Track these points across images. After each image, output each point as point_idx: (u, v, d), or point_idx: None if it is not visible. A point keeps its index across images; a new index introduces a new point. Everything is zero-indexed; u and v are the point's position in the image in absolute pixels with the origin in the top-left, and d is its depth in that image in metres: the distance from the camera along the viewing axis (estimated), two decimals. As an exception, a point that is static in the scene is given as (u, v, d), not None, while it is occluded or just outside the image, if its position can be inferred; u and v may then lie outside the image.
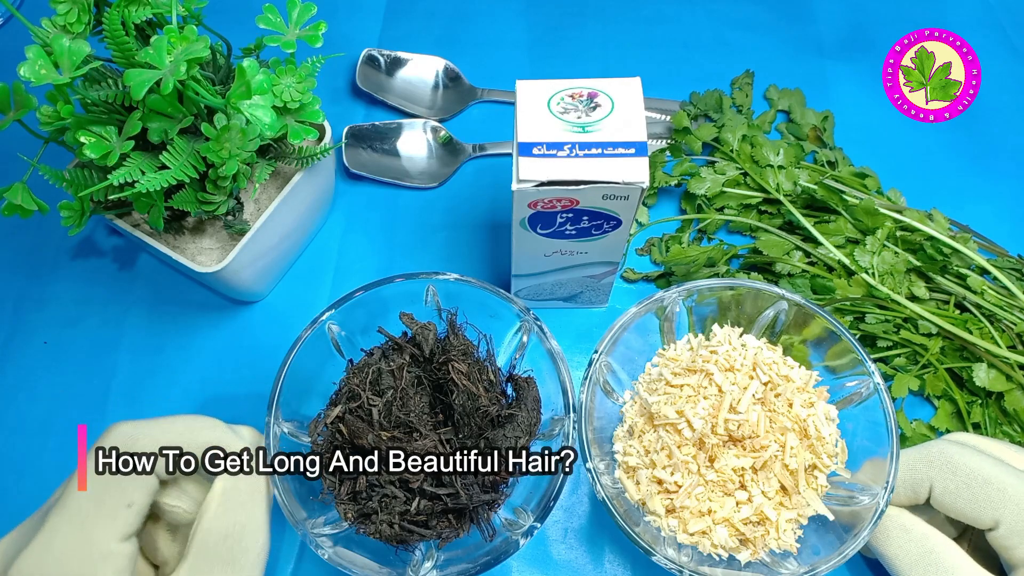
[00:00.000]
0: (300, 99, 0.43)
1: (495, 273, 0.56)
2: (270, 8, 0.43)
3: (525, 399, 0.42)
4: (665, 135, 0.61)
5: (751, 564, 0.41)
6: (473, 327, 0.45)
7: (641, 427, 0.44)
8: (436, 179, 0.59)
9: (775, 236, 0.54)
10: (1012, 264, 0.53)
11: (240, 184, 0.44)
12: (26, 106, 0.38)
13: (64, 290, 0.55)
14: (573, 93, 0.41)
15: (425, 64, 0.63)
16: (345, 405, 0.42)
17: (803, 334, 0.46)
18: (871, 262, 0.51)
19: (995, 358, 0.48)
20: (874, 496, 0.40)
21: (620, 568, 0.46)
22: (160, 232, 0.46)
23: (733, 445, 0.41)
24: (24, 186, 0.41)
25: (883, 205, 0.52)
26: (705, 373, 0.43)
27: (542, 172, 0.38)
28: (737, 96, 0.62)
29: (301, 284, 0.55)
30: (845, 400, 0.44)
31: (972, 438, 0.43)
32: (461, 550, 0.41)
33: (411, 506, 0.40)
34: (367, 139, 0.59)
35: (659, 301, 0.45)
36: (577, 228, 0.43)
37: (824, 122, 0.60)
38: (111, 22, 0.37)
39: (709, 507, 0.41)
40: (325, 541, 0.40)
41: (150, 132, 0.40)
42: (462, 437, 0.42)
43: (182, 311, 0.54)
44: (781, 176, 0.55)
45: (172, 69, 0.36)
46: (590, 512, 0.48)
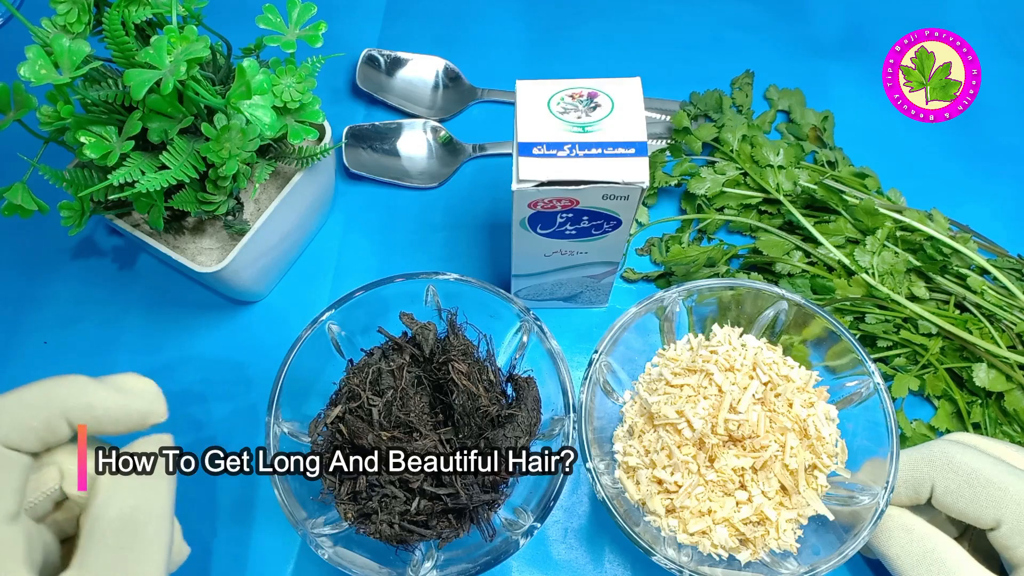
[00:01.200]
0: (300, 99, 0.43)
1: (495, 273, 0.56)
2: (270, 8, 0.43)
3: (525, 399, 0.42)
4: (665, 135, 0.61)
5: (751, 564, 0.41)
6: (473, 327, 0.45)
7: (641, 427, 0.44)
8: (436, 179, 0.59)
9: (775, 236, 0.54)
10: (1012, 264, 0.53)
11: (240, 184, 0.44)
12: (26, 106, 0.38)
13: (64, 290, 0.55)
14: (573, 93, 0.41)
15: (425, 64, 0.63)
16: (345, 405, 0.42)
17: (803, 334, 0.46)
18: (871, 262, 0.51)
19: (995, 358, 0.48)
20: (874, 496, 0.40)
21: (620, 568, 0.46)
22: (160, 232, 0.46)
23: (733, 445, 0.41)
24: (24, 186, 0.41)
25: (883, 205, 0.52)
26: (705, 373, 0.43)
27: (542, 172, 0.38)
28: (737, 96, 0.62)
29: (301, 284, 0.55)
30: (845, 400, 0.44)
31: (973, 438, 0.43)
32: (461, 550, 0.41)
33: (411, 506, 0.40)
34: (367, 139, 0.59)
35: (659, 301, 0.45)
36: (577, 228, 0.43)
37: (824, 122, 0.60)
38: (111, 22, 0.37)
39: (709, 507, 0.41)
40: (325, 541, 0.40)
41: (150, 132, 0.40)
42: (462, 437, 0.42)
43: (182, 311, 0.54)
44: (781, 176, 0.55)
45: (172, 69, 0.36)
46: (590, 512, 0.48)
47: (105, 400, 0.34)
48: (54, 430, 0.33)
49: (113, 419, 0.34)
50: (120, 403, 0.35)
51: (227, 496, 0.48)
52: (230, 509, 0.47)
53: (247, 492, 0.48)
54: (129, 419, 0.35)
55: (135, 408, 0.35)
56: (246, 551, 0.46)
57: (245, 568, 0.46)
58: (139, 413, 0.35)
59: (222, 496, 0.48)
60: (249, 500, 0.48)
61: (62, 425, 0.33)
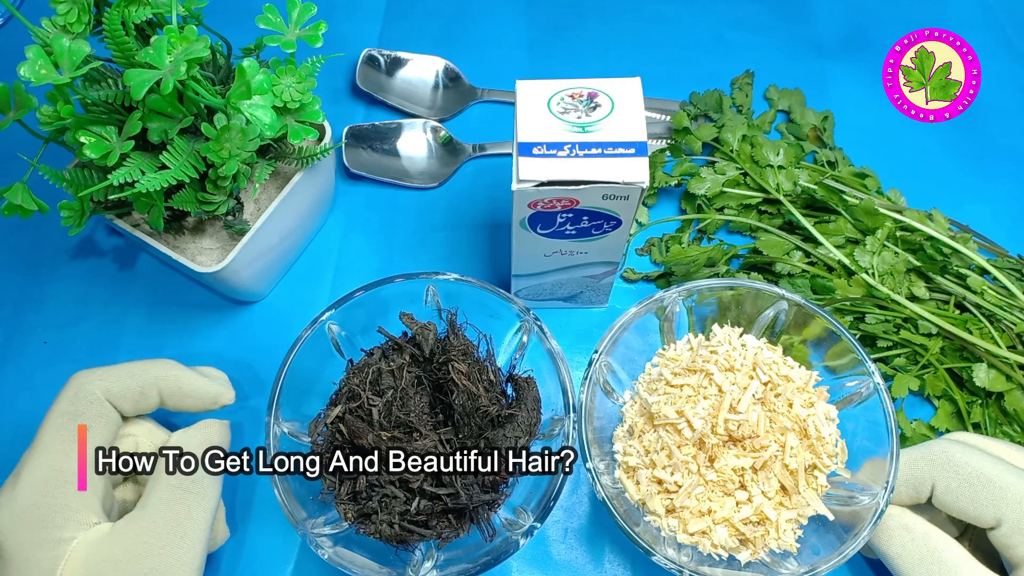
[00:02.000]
0: (300, 99, 0.43)
1: (495, 273, 0.56)
2: (270, 8, 0.43)
3: (525, 399, 0.42)
4: (665, 135, 0.61)
5: (751, 564, 0.41)
6: (473, 327, 0.45)
7: (641, 427, 0.44)
8: (436, 179, 0.59)
9: (775, 236, 0.54)
10: (1012, 264, 0.53)
11: (240, 184, 0.44)
12: (26, 106, 0.38)
13: (64, 290, 0.55)
14: (573, 93, 0.41)
15: (425, 64, 0.63)
16: (345, 405, 0.42)
17: (803, 334, 0.46)
18: (871, 262, 0.51)
19: (995, 358, 0.48)
20: (874, 496, 0.40)
21: (620, 568, 0.46)
22: (160, 232, 0.46)
23: (733, 445, 0.41)
24: (24, 186, 0.41)
25: (883, 205, 0.52)
26: (705, 373, 0.43)
27: (542, 172, 0.38)
28: (737, 96, 0.62)
29: (301, 284, 0.55)
30: (845, 400, 0.44)
31: (973, 437, 0.43)
32: (461, 550, 0.41)
33: (411, 506, 0.40)
34: (367, 139, 0.59)
35: (659, 301, 0.45)
36: (577, 228, 0.43)
37: (824, 122, 0.60)
38: (111, 22, 0.37)
39: (709, 507, 0.41)
40: (325, 541, 0.40)
41: (150, 132, 0.40)
42: (462, 437, 0.42)
43: (182, 311, 0.54)
44: (781, 176, 0.55)
45: (172, 69, 0.36)
46: (590, 512, 0.48)
47: (192, 379, 0.42)
48: (147, 396, 0.40)
49: (195, 395, 0.42)
50: (201, 383, 0.42)
51: (227, 496, 0.48)
52: (230, 509, 0.47)
53: (247, 492, 0.48)
54: (207, 396, 0.42)
55: (212, 390, 0.42)
56: (246, 551, 0.46)
57: (245, 568, 0.46)
58: (214, 394, 0.42)
59: (222, 496, 0.48)
60: (249, 500, 0.48)
61: (154, 394, 0.41)
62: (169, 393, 0.41)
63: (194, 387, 0.42)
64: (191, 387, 0.41)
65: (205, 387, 0.42)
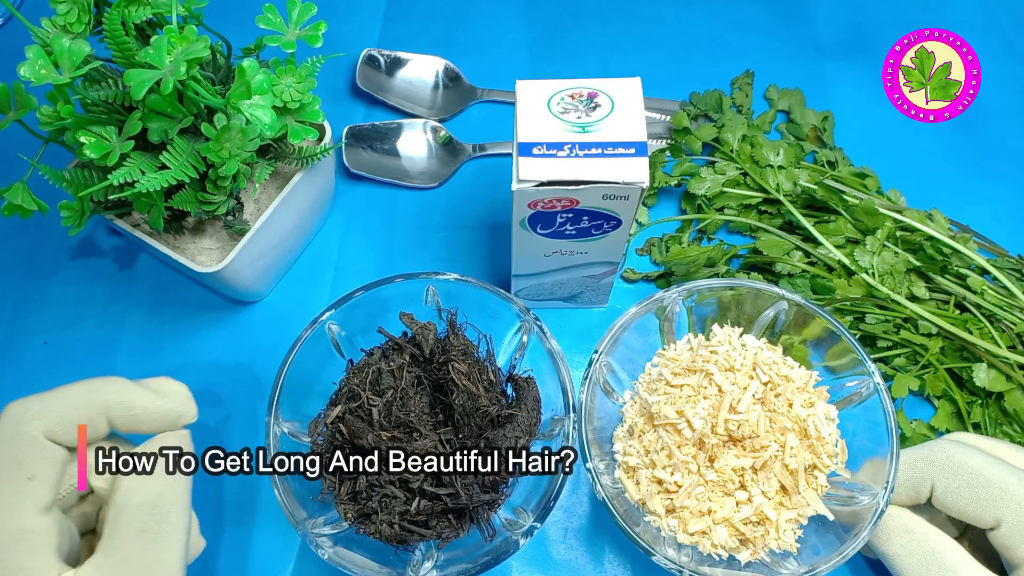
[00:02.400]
0: (300, 99, 0.43)
1: (495, 273, 0.56)
2: (270, 8, 0.43)
3: (525, 399, 0.42)
4: (665, 135, 0.61)
5: (751, 564, 0.41)
6: (473, 327, 0.45)
7: (641, 427, 0.44)
8: (436, 179, 0.59)
9: (775, 236, 0.54)
10: (1012, 264, 0.53)
11: (240, 184, 0.44)
12: (26, 106, 0.38)
13: (64, 290, 0.55)
14: (573, 93, 0.41)
15: (425, 64, 0.63)
16: (345, 405, 0.42)
17: (803, 334, 0.46)
18: (871, 262, 0.51)
19: (995, 358, 0.48)
20: (874, 496, 0.40)
21: (620, 568, 0.46)
22: (160, 232, 0.46)
23: (733, 445, 0.41)
24: (24, 186, 0.41)
25: (883, 205, 0.52)
26: (705, 373, 0.43)
27: (542, 172, 0.38)
28: (737, 96, 0.62)
29: (301, 284, 0.55)
30: (845, 400, 0.44)
31: (973, 438, 0.43)
32: (461, 550, 0.41)
33: (411, 506, 0.40)
34: (367, 139, 0.59)
35: (659, 301, 0.45)
36: (577, 228, 0.43)
37: (824, 122, 0.60)
38: (111, 22, 0.37)
39: (709, 507, 0.41)
40: (325, 541, 0.40)
41: (150, 132, 0.40)
42: (462, 437, 0.42)
43: (182, 311, 0.54)
44: (781, 176, 0.55)
45: (172, 69, 0.36)
46: (590, 512, 0.48)
47: (144, 401, 0.36)
48: (95, 426, 0.35)
49: (150, 419, 0.37)
50: (156, 404, 0.37)
51: (227, 496, 0.48)
52: (230, 509, 0.47)
53: (247, 492, 0.48)
54: (164, 419, 0.37)
55: (170, 409, 0.37)
56: (246, 551, 0.46)
57: (245, 568, 0.46)
58: (173, 414, 0.37)
59: (222, 496, 0.48)
60: (249, 500, 0.48)
61: (102, 422, 0.36)
62: (120, 420, 0.36)
63: (148, 410, 0.37)
64: (144, 410, 0.37)
65: (161, 408, 0.37)
